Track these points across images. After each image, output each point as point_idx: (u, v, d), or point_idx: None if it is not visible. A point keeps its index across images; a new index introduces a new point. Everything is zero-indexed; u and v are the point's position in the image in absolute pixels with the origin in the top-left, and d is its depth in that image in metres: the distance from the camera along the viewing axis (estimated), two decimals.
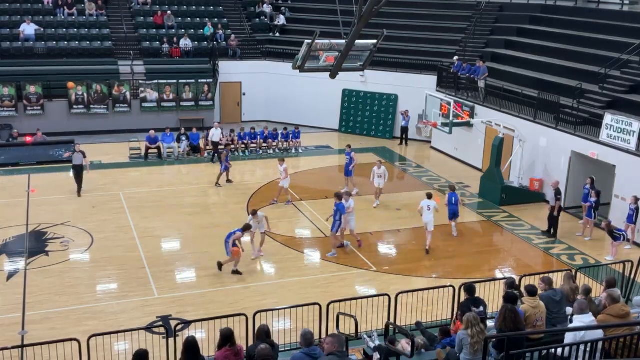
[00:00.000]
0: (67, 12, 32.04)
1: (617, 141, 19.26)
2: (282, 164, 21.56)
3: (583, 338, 7.87)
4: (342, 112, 31.40)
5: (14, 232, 18.65)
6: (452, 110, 23.90)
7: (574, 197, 20.84)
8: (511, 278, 11.54)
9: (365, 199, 21.90)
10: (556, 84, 23.83)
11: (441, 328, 10.53)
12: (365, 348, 10.78)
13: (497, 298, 11.65)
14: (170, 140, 26.42)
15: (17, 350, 11.47)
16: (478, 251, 18.41)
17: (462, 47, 29.47)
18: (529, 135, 22.30)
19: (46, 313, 14.22)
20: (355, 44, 16.19)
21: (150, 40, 32.05)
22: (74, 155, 21.55)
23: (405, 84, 29.30)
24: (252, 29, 34.37)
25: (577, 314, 8.51)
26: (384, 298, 12.21)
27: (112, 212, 20.28)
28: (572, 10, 28.46)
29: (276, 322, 12.71)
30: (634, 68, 22.30)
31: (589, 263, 17.32)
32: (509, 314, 8.90)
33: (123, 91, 29.34)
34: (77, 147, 21.72)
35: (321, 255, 17.75)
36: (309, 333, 8.42)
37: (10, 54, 29.74)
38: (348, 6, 17.60)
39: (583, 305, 8.58)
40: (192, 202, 21.50)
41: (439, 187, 23.74)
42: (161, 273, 16.31)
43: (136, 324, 13.15)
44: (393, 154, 28.08)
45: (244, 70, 32.11)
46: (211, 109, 30.76)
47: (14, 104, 27.95)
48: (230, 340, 8.85)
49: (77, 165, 21.50)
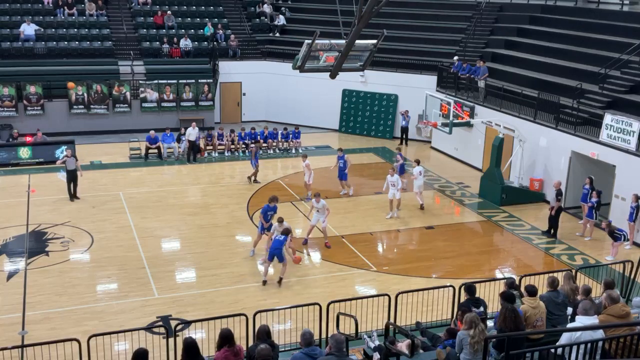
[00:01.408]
0: (67, 12, 32.05)
1: (617, 141, 19.26)
2: (305, 160, 21.76)
3: (578, 339, 7.86)
4: (342, 112, 31.41)
5: (14, 232, 18.64)
6: (452, 110, 23.91)
7: (574, 197, 20.83)
8: (511, 278, 11.55)
9: (365, 198, 21.90)
10: (556, 84, 23.84)
11: (448, 329, 10.50)
12: (365, 348, 10.78)
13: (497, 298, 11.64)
14: (170, 140, 26.42)
15: (17, 350, 11.48)
16: (478, 251, 18.41)
17: (462, 47, 29.47)
18: (529, 135, 22.30)
19: (46, 313, 14.21)
20: (355, 44, 16.20)
21: (150, 40, 32.06)
22: (67, 161, 21.10)
23: (405, 84, 29.31)
24: (252, 29, 34.38)
25: (580, 315, 8.44)
26: (384, 298, 12.21)
27: (112, 212, 20.28)
28: (572, 10, 28.46)
29: (276, 322, 12.72)
30: (634, 68, 22.29)
31: (589, 263, 17.33)
32: (509, 314, 8.91)
33: (123, 91, 29.34)
34: (68, 152, 21.29)
35: (321, 255, 17.75)
36: (309, 333, 8.43)
37: (10, 54, 29.74)
38: (348, 6, 17.61)
39: (587, 306, 8.45)
40: (192, 202, 21.51)
41: (439, 187, 23.76)
42: (161, 273, 16.31)
43: (136, 324, 13.15)
44: (393, 154, 28.04)
45: (244, 70, 32.11)
46: (211, 109, 30.78)
47: (14, 104, 27.95)
48: (229, 340, 8.85)
49: (71, 171, 21.14)
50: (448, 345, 9.86)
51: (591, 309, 8.47)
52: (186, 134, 26.01)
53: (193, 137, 25.72)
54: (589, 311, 8.39)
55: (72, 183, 21.22)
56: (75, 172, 21.19)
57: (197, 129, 25.96)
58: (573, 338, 7.95)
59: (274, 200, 17.40)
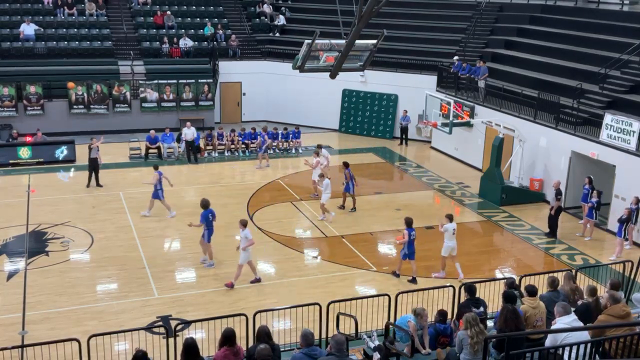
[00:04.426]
0: (67, 12, 32.05)
1: (617, 141, 19.26)
2: (315, 157, 21.94)
3: (564, 340, 7.91)
4: (342, 112, 31.40)
5: (14, 232, 18.65)
6: (452, 110, 23.91)
7: (574, 197, 20.83)
8: (511, 278, 11.55)
9: (365, 199, 21.89)
10: (556, 84, 23.84)
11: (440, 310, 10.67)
12: (365, 348, 10.78)
13: (497, 298, 11.65)
14: (170, 140, 26.42)
15: (17, 350, 11.47)
16: (478, 251, 18.40)
17: (462, 47, 29.47)
18: (529, 135, 22.29)
19: (46, 313, 14.22)
20: (355, 44, 16.20)
21: (150, 40, 32.06)
22: (92, 149, 22.31)
23: (405, 84, 29.30)
24: (252, 29, 34.38)
25: (560, 316, 8.57)
26: (384, 298, 12.21)
27: (112, 212, 20.28)
28: (572, 10, 28.45)
29: (276, 322, 12.72)
30: (634, 68, 22.29)
31: (589, 263, 17.33)
32: (510, 315, 8.92)
33: (123, 91, 29.34)
34: (94, 141, 22.45)
35: (321, 255, 17.74)
36: (309, 333, 8.43)
37: (10, 54, 29.74)
38: (348, 6, 17.61)
39: (566, 306, 8.68)
40: (192, 202, 21.48)
41: (439, 187, 23.75)
42: (161, 273, 16.31)
43: (136, 324, 13.16)
44: (393, 154, 28.08)
45: (244, 70, 32.11)
46: (211, 109, 30.78)
47: (14, 104, 27.95)
48: (231, 340, 8.86)
49: (92, 159, 22.36)
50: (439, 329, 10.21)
51: (568, 307, 8.69)
52: (182, 134, 26.02)
53: (190, 137, 25.71)
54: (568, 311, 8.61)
55: (94, 172, 22.45)
56: (96, 161, 22.40)
57: (193, 128, 25.88)
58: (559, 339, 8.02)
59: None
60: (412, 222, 15.99)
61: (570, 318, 8.53)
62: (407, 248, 15.96)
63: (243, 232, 15.32)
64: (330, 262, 17.27)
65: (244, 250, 15.31)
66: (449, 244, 16.14)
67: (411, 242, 15.92)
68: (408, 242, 15.88)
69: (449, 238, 16.12)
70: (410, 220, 15.97)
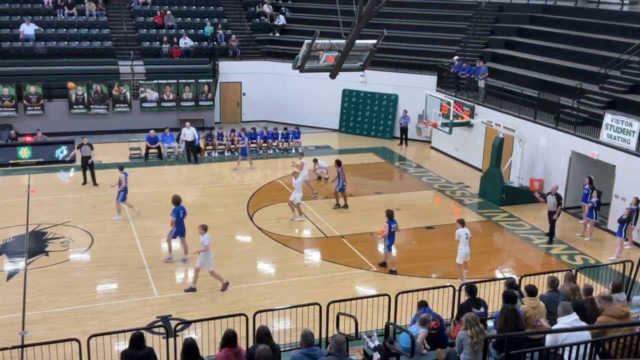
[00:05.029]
0: (67, 12, 32.05)
1: (617, 141, 19.26)
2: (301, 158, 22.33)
3: (565, 340, 7.91)
4: (342, 112, 31.41)
5: (14, 232, 18.64)
6: (452, 110, 23.91)
7: (574, 197, 20.83)
8: (511, 278, 11.55)
9: (365, 199, 21.89)
10: (556, 84, 23.84)
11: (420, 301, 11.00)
12: (365, 348, 10.78)
13: (498, 298, 11.65)
14: (170, 140, 26.41)
15: (17, 350, 11.47)
16: (478, 251, 18.34)
17: (462, 47, 29.47)
18: (529, 135, 22.29)
19: (46, 313, 14.21)
20: (355, 44, 16.19)
21: (150, 40, 32.06)
22: (83, 147, 22.31)
23: (405, 84, 29.30)
24: (252, 29, 34.38)
25: (561, 316, 8.57)
26: (384, 298, 12.21)
27: (112, 212, 20.24)
28: (572, 10, 28.45)
29: (276, 322, 12.72)
30: (634, 68, 22.29)
31: (589, 263, 17.33)
32: (510, 315, 8.92)
33: (123, 91, 29.34)
34: (84, 140, 22.48)
35: (321, 255, 17.74)
36: (309, 333, 8.43)
37: (10, 54, 29.74)
38: (348, 6, 17.59)
39: (567, 307, 8.67)
40: (192, 202, 21.47)
41: (439, 187, 23.75)
42: (161, 273, 16.31)
43: (136, 324, 13.15)
44: (393, 154, 28.08)
45: (244, 70, 32.11)
46: (211, 109, 30.78)
47: (14, 104, 27.95)
48: (231, 341, 8.86)
49: (84, 157, 22.44)
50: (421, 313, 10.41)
51: (569, 307, 8.67)
52: (182, 135, 26.01)
53: (189, 137, 25.70)
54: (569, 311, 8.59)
55: (89, 171, 22.59)
56: (88, 159, 22.42)
57: (192, 128, 25.85)
58: (560, 339, 8.02)
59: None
60: (393, 215, 16.28)
61: (571, 318, 8.52)
62: (387, 240, 16.28)
63: (202, 237, 15.18)
64: (330, 262, 17.27)
65: (200, 255, 15.24)
66: (464, 250, 15.77)
67: (392, 234, 16.25)
68: (388, 234, 16.19)
69: (463, 244, 15.72)
70: (391, 213, 16.28)
